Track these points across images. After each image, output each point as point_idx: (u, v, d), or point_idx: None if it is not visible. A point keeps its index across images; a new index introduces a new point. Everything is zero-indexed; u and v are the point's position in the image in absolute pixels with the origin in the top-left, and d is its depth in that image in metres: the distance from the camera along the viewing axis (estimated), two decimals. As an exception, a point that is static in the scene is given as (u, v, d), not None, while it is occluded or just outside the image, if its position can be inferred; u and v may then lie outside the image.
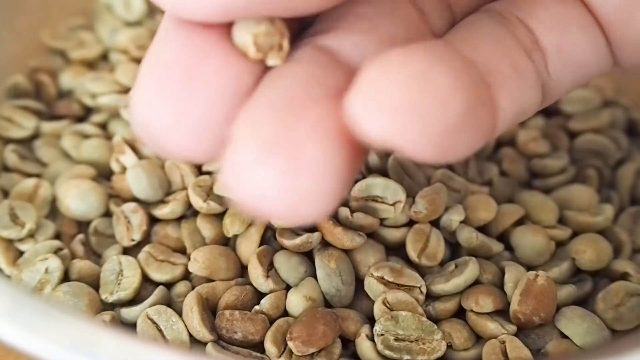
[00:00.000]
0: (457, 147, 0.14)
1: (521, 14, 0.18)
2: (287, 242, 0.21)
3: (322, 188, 0.13)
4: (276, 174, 0.13)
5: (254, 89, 0.14)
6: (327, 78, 0.14)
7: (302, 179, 0.13)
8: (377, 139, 0.13)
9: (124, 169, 0.24)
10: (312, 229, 0.22)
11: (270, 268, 0.22)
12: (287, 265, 0.22)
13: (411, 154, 0.13)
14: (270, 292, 0.21)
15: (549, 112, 0.29)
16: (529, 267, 0.23)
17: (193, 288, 0.22)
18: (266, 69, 0.15)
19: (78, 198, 0.23)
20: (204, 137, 0.14)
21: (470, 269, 0.21)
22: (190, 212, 0.24)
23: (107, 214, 0.24)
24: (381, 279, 0.21)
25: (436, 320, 0.21)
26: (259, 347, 0.20)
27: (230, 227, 0.22)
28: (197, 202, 0.22)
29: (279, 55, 0.15)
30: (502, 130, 0.16)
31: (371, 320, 0.21)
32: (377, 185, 0.22)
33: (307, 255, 0.22)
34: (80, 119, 0.28)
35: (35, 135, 0.27)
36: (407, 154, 0.13)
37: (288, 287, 0.22)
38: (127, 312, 0.21)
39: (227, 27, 0.14)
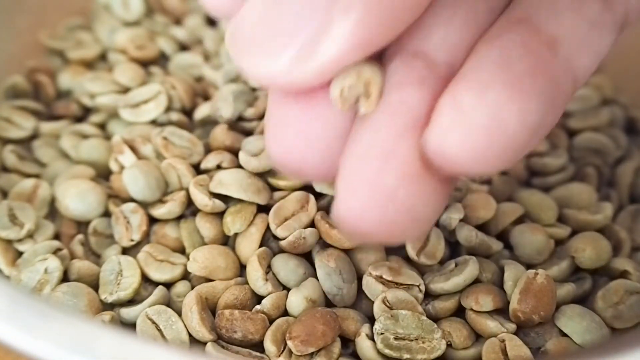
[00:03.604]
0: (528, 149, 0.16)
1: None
2: (283, 242, 0.22)
3: (416, 223, 0.16)
4: (377, 219, 0.15)
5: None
6: (414, 107, 0.16)
7: (399, 218, 0.16)
8: (454, 172, 0.15)
9: (122, 169, 0.24)
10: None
11: (269, 271, 0.22)
12: (285, 269, 0.22)
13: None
14: (268, 294, 0.21)
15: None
16: (529, 266, 0.23)
17: (192, 288, 0.22)
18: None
19: (77, 198, 0.23)
20: (322, 162, 0.17)
21: (470, 268, 0.21)
22: (189, 212, 0.24)
23: (106, 214, 0.24)
24: (379, 278, 0.21)
25: (436, 319, 0.21)
26: (259, 346, 0.20)
27: (232, 225, 0.22)
28: (203, 200, 0.22)
29: (368, 102, 0.16)
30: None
31: (371, 320, 0.21)
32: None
33: (307, 258, 0.22)
34: (79, 119, 0.28)
35: (34, 136, 0.27)
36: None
37: (286, 289, 0.22)
38: (127, 312, 0.21)
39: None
